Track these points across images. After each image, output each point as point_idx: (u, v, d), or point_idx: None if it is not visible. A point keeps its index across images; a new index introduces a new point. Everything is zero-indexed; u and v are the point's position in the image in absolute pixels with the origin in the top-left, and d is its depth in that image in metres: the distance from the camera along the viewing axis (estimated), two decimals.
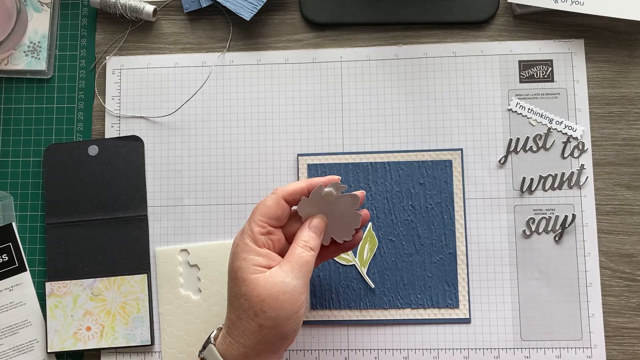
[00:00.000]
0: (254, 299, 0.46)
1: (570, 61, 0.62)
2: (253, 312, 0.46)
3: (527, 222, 0.60)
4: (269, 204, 0.49)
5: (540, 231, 0.59)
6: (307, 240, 0.49)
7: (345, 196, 0.50)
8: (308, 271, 0.48)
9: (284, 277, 0.46)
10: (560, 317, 0.58)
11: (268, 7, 0.63)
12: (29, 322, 0.61)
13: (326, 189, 0.50)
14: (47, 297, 0.60)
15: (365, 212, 0.52)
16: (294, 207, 0.51)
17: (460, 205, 0.60)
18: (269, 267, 0.47)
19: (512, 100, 0.61)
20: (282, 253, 0.50)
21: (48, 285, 0.61)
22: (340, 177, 0.51)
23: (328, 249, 0.53)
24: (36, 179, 0.63)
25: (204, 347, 0.49)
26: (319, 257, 0.51)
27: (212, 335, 0.50)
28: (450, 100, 0.62)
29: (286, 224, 0.51)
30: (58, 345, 0.60)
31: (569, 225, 0.59)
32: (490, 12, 0.62)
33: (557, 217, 0.59)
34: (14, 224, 0.62)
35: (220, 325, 0.51)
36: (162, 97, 0.64)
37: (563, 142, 0.60)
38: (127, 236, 0.61)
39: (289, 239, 0.51)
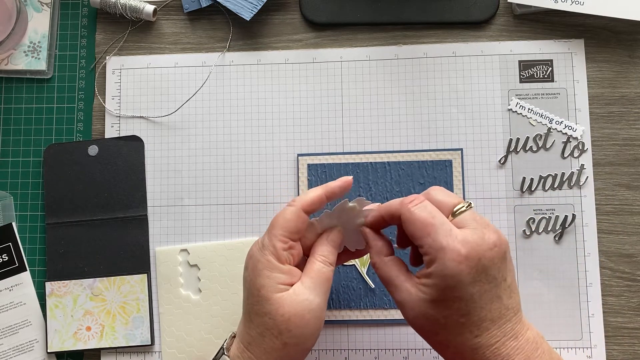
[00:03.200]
0: (278, 318, 0.45)
1: (570, 61, 0.61)
2: (277, 330, 0.45)
3: (527, 222, 0.60)
4: (289, 217, 0.47)
5: (540, 231, 0.59)
6: (327, 255, 0.48)
7: (367, 211, 0.49)
8: (328, 287, 0.47)
9: (308, 294, 0.46)
10: (560, 317, 0.58)
11: (268, 7, 0.63)
12: (29, 322, 0.61)
13: (350, 204, 0.48)
14: (47, 297, 0.60)
15: None
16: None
17: None
18: (291, 284, 0.47)
19: (512, 100, 0.61)
20: (300, 265, 0.49)
21: (48, 285, 0.61)
22: (352, 177, 0.50)
23: (339, 257, 0.52)
24: (36, 179, 0.63)
25: (217, 357, 0.48)
26: None
27: (225, 346, 0.49)
28: (450, 100, 0.62)
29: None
30: (58, 345, 0.60)
31: (569, 225, 0.59)
32: (490, 12, 0.62)
33: (557, 217, 0.59)
34: (14, 224, 0.62)
35: (232, 333, 0.50)
36: (162, 97, 0.64)
37: (563, 142, 0.60)
38: (127, 236, 0.61)
39: (305, 251, 0.50)
